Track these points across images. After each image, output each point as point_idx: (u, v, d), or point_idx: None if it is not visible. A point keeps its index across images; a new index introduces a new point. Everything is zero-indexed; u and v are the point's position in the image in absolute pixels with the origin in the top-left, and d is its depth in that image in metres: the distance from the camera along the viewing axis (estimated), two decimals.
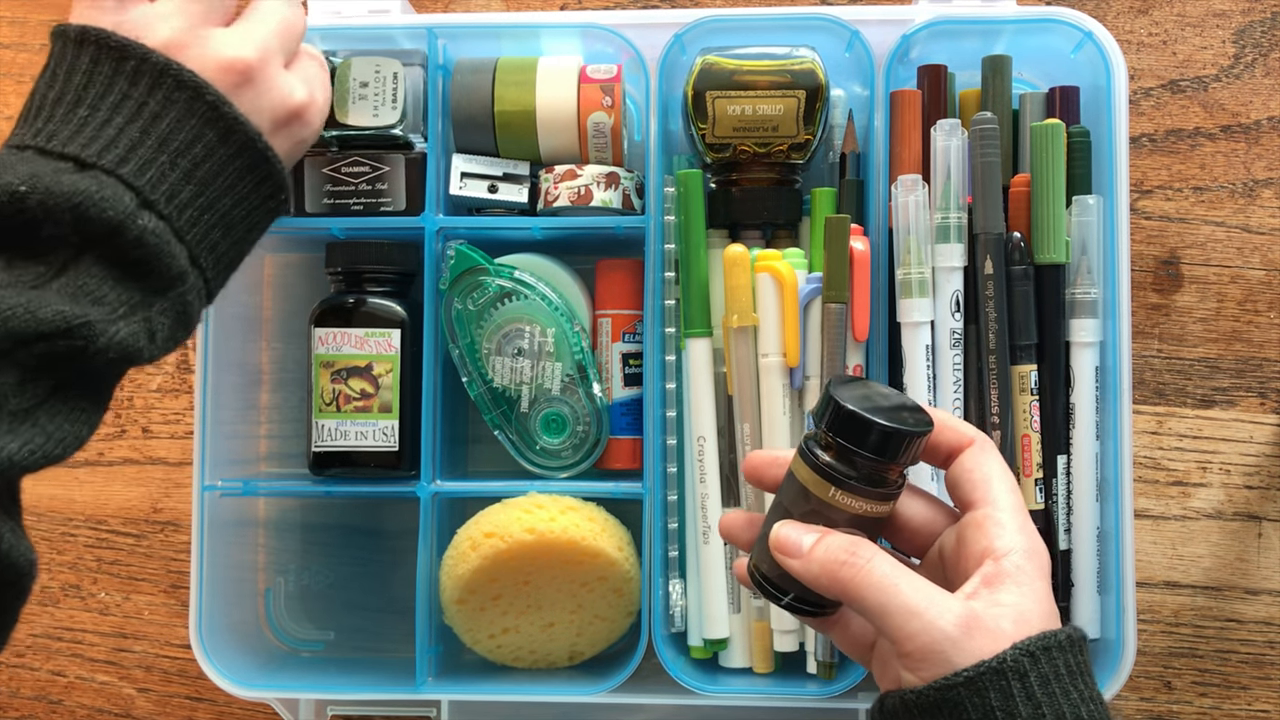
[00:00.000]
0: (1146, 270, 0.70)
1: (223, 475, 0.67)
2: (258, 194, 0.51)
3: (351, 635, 0.72)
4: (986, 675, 0.42)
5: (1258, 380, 0.69)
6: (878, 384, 0.50)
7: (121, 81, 0.47)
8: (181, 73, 0.47)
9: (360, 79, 0.64)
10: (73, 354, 0.43)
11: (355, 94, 0.64)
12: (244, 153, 0.49)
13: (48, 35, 0.49)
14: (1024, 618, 0.44)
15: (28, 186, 0.43)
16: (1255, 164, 0.70)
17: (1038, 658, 0.43)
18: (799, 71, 0.63)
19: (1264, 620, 0.68)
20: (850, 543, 0.46)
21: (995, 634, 0.43)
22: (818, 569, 0.46)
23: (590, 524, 0.64)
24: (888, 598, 0.44)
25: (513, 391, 0.67)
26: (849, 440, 0.46)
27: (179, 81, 0.47)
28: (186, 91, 0.47)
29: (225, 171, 0.49)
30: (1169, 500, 0.69)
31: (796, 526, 0.47)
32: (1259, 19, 0.70)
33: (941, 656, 0.43)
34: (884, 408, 0.46)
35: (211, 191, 0.48)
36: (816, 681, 0.64)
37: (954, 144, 0.62)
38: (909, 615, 0.44)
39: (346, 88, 0.64)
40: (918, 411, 0.48)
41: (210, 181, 0.48)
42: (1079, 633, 0.45)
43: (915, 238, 0.62)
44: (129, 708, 0.73)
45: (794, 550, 0.47)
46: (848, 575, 0.45)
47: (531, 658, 0.68)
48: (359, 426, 0.66)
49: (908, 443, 0.46)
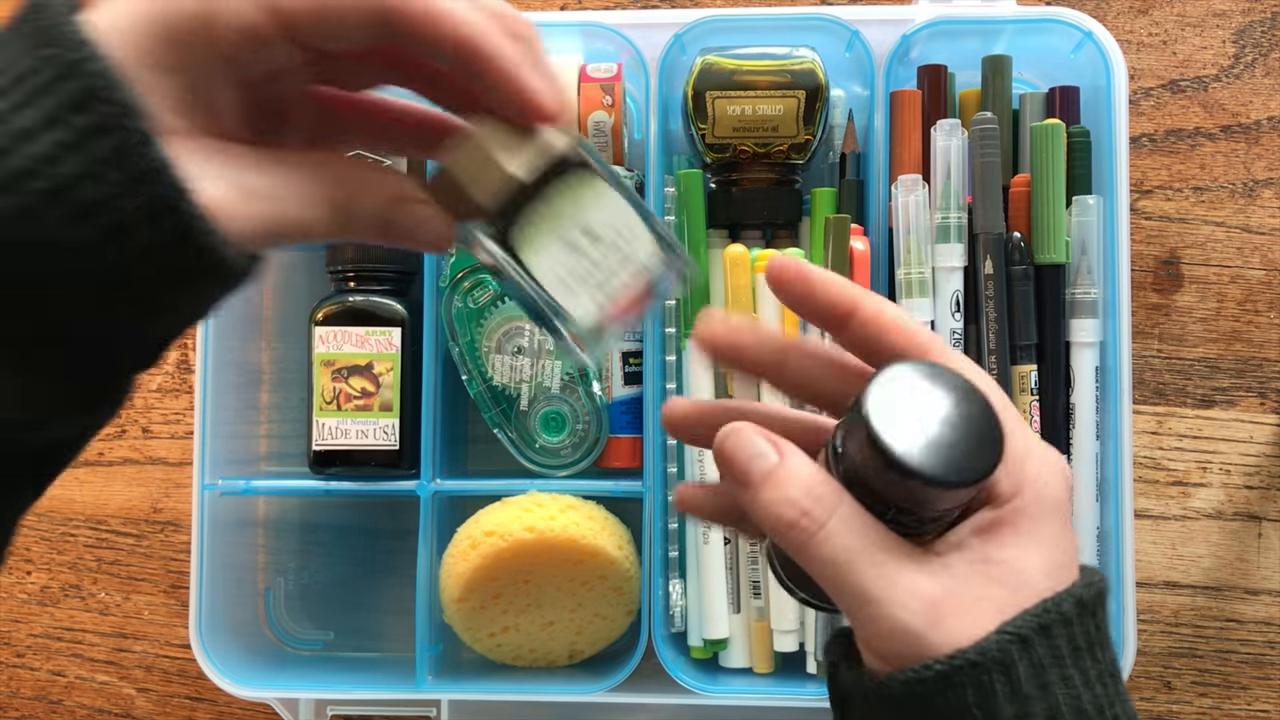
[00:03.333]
0: (1146, 270, 0.70)
1: (223, 475, 0.67)
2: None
3: (351, 634, 0.72)
4: (963, 669, 0.33)
5: (1258, 380, 0.69)
6: (951, 372, 0.35)
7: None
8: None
9: None
10: None
11: None
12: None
13: None
14: (1020, 578, 0.34)
15: None
16: (1255, 164, 0.70)
17: (1030, 642, 0.34)
18: (799, 71, 0.63)
19: (1264, 620, 0.68)
20: (808, 496, 0.35)
21: (979, 608, 0.34)
22: (762, 514, 0.36)
23: (590, 522, 0.64)
24: (839, 576, 0.34)
25: (512, 390, 0.67)
26: (878, 481, 0.34)
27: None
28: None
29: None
30: (1169, 500, 0.69)
31: (754, 438, 0.36)
32: (1259, 19, 0.70)
33: (908, 645, 0.34)
34: (939, 437, 0.34)
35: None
36: (816, 681, 0.64)
37: (954, 144, 0.62)
38: (862, 601, 0.34)
39: None
40: (991, 429, 0.34)
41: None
42: (1093, 589, 0.35)
43: (915, 238, 0.62)
44: (129, 708, 0.73)
45: (740, 475, 0.36)
46: (795, 540, 0.35)
47: (531, 656, 0.68)
48: (359, 425, 0.66)
49: (945, 494, 0.34)
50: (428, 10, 0.32)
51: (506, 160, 0.34)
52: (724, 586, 0.64)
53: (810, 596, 0.40)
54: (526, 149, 0.34)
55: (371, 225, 0.35)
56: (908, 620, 0.34)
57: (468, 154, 0.34)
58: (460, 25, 0.33)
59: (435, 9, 0.32)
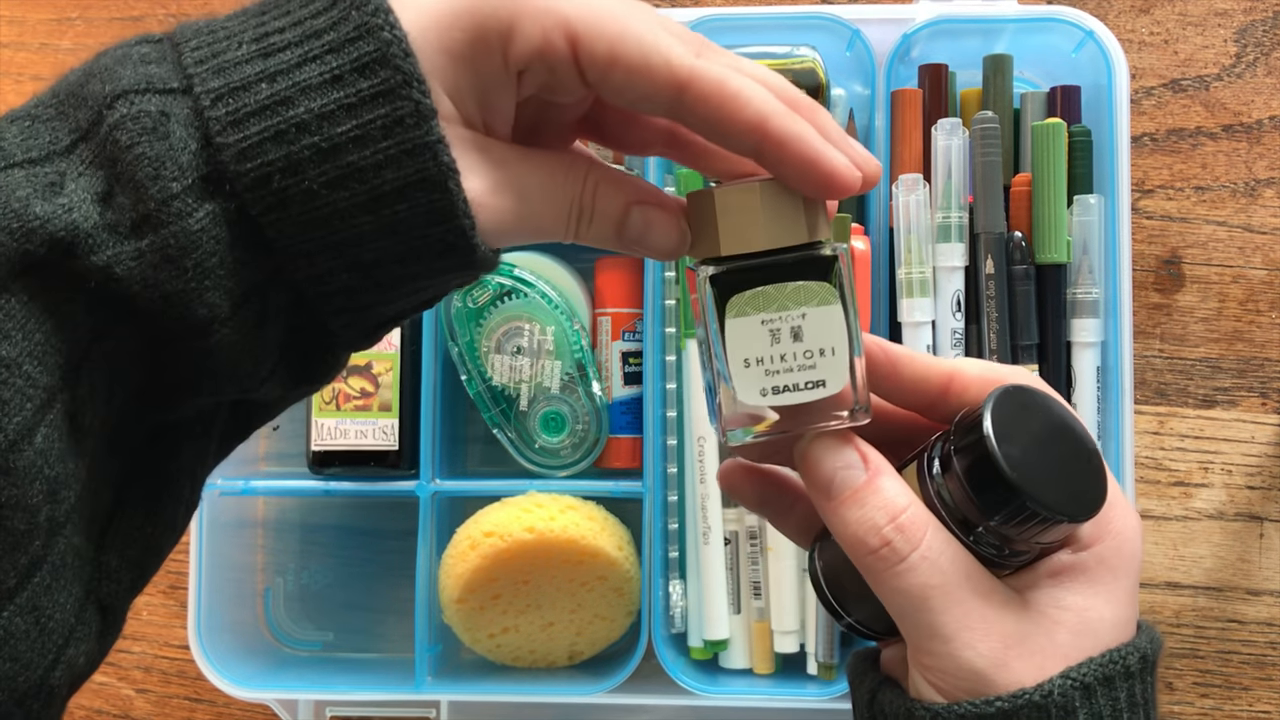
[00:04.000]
0: (1148, 270, 0.70)
1: (222, 475, 0.67)
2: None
3: (350, 635, 0.72)
4: (1024, 709, 0.33)
5: (1259, 380, 0.69)
6: (1062, 406, 0.36)
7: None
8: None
9: None
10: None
11: None
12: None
13: (46, 35, 0.48)
14: (1088, 628, 0.35)
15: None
16: (1257, 163, 0.70)
17: (1093, 691, 0.34)
18: (799, 71, 0.63)
19: (1265, 621, 0.68)
20: (895, 524, 0.34)
21: (1045, 653, 0.34)
22: (842, 532, 0.35)
23: (590, 523, 0.64)
24: (913, 610, 0.34)
25: (512, 390, 0.67)
26: (981, 501, 0.34)
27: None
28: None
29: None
30: (1170, 501, 0.69)
31: (843, 446, 0.35)
32: (1260, 18, 0.70)
33: (972, 682, 0.34)
34: (1052, 468, 0.34)
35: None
36: (817, 683, 0.64)
37: (955, 143, 0.62)
38: (932, 636, 0.34)
39: None
40: (1097, 470, 0.35)
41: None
42: (1154, 649, 0.36)
43: (916, 237, 0.61)
44: (128, 708, 0.73)
45: (823, 484, 0.35)
46: (873, 566, 0.35)
47: (531, 657, 0.68)
48: (359, 425, 0.66)
49: (1048, 528, 0.34)
50: (722, 89, 0.32)
51: (770, 221, 0.33)
52: (724, 587, 0.64)
53: (857, 621, 0.39)
54: (792, 224, 0.33)
55: (608, 225, 0.34)
56: (974, 660, 0.34)
57: (739, 197, 0.33)
58: (749, 106, 0.32)
59: (729, 89, 0.32)
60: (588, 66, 0.32)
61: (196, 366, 0.31)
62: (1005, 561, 0.35)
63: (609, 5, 0.32)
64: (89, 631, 0.32)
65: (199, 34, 0.31)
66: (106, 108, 0.29)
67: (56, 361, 0.29)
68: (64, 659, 0.31)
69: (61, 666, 0.31)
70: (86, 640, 0.32)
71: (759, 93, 0.32)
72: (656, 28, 0.32)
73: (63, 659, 0.31)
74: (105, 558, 0.33)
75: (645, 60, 0.31)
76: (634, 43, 0.31)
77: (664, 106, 0.32)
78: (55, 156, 0.30)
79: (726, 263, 0.34)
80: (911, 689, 0.36)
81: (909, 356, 0.37)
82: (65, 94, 0.31)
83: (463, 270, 0.32)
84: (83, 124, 0.30)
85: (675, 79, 0.32)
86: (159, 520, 0.34)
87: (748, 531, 0.65)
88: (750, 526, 0.65)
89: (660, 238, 0.35)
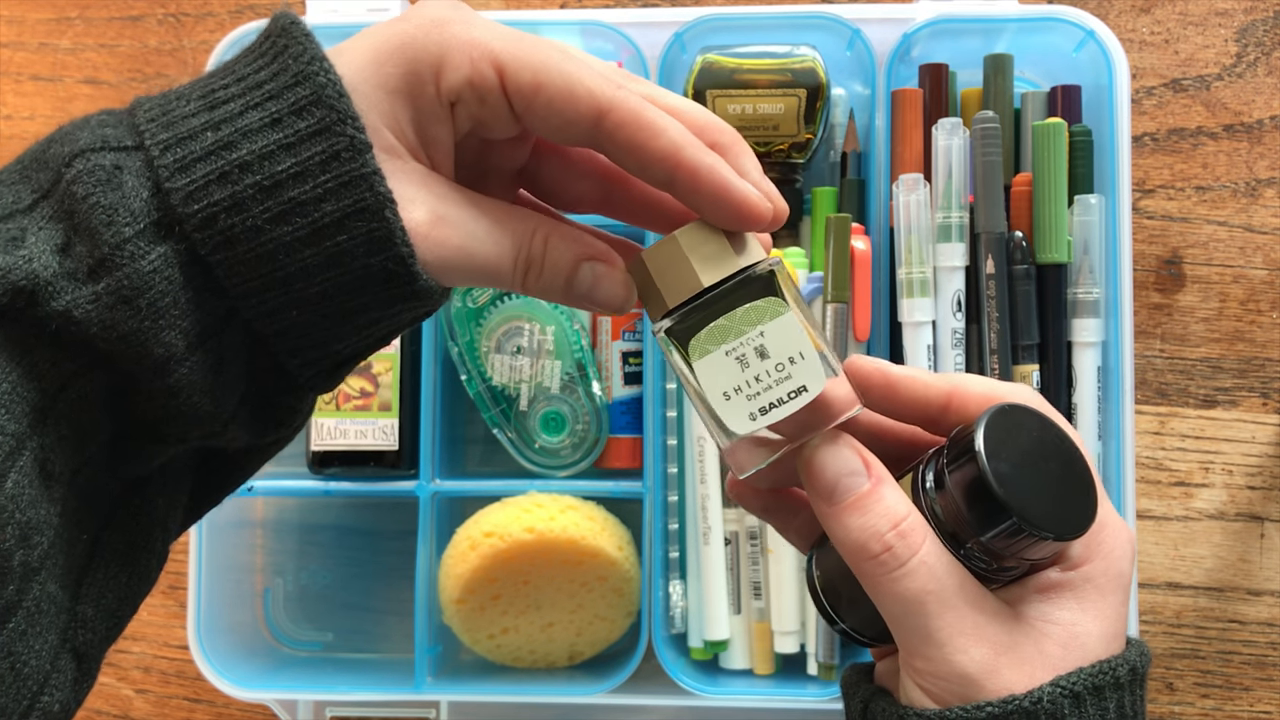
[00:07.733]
0: (1149, 270, 0.70)
1: None
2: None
3: (350, 636, 0.72)
4: (1014, 715, 0.34)
5: (1260, 380, 0.69)
6: (1055, 424, 0.37)
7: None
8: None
9: None
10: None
11: None
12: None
13: (45, 35, 0.48)
14: (1077, 641, 0.35)
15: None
16: (1258, 163, 0.70)
17: (1082, 700, 0.34)
18: (800, 70, 0.63)
19: (1266, 621, 0.68)
20: (895, 531, 0.35)
21: (1034, 660, 0.35)
22: (842, 537, 0.36)
23: (590, 523, 0.64)
24: (908, 615, 0.35)
25: (512, 390, 0.67)
26: (971, 517, 0.35)
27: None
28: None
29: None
30: (1171, 501, 0.69)
31: (848, 453, 0.36)
32: (1261, 17, 0.70)
33: (962, 687, 0.35)
34: (1043, 486, 0.35)
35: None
36: (817, 683, 0.64)
37: (955, 143, 0.62)
38: (926, 641, 0.35)
39: None
40: (1088, 490, 0.36)
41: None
42: (1143, 663, 0.37)
43: (916, 237, 0.61)
44: (127, 709, 0.73)
45: (826, 490, 0.36)
46: (872, 572, 0.35)
47: (531, 658, 0.68)
48: (358, 425, 0.66)
49: (1036, 545, 0.35)
50: (639, 117, 0.33)
51: (701, 261, 0.35)
52: (724, 588, 0.64)
53: (851, 627, 0.40)
54: (721, 258, 0.35)
55: (558, 278, 0.35)
56: (966, 666, 0.35)
57: (665, 249, 0.35)
58: (663, 135, 0.34)
59: (646, 117, 0.33)
60: (514, 94, 0.33)
61: (162, 409, 0.32)
62: (995, 576, 0.36)
63: (533, 40, 0.34)
64: (64, 680, 0.33)
65: (153, 101, 0.33)
66: (65, 166, 0.31)
67: (24, 410, 0.30)
68: (39, 706, 0.32)
69: (36, 713, 0.32)
70: (62, 689, 0.33)
71: (673, 125, 0.34)
72: (579, 62, 0.34)
73: (37, 706, 0.32)
74: (81, 607, 0.33)
75: (569, 87, 0.33)
76: (557, 71, 0.33)
77: (585, 133, 0.34)
78: (18, 214, 0.31)
79: (674, 314, 0.35)
80: (903, 696, 0.37)
81: (908, 379, 0.38)
82: (29, 159, 0.33)
83: (408, 302, 0.33)
84: (44, 184, 0.32)
85: (596, 105, 0.33)
86: (134, 571, 0.35)
87: (748, 532, 0.64)
88: (750, 527, 0.64)
89: (607, 294, 0.36)
